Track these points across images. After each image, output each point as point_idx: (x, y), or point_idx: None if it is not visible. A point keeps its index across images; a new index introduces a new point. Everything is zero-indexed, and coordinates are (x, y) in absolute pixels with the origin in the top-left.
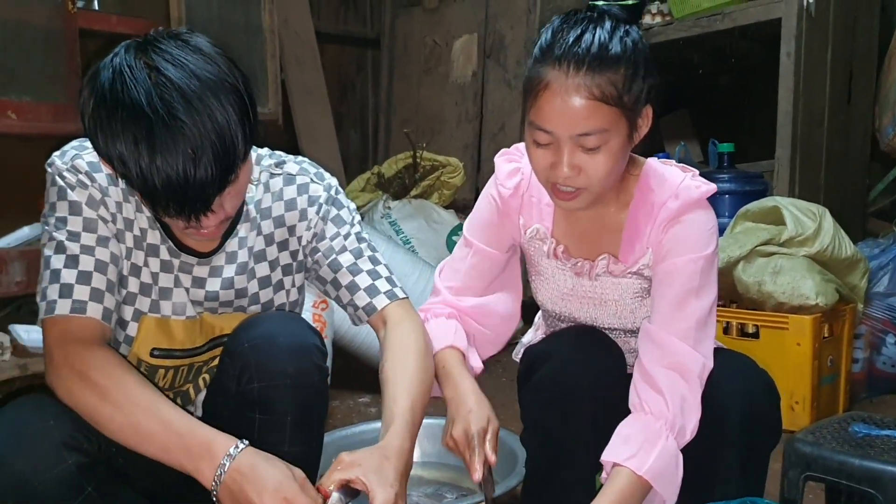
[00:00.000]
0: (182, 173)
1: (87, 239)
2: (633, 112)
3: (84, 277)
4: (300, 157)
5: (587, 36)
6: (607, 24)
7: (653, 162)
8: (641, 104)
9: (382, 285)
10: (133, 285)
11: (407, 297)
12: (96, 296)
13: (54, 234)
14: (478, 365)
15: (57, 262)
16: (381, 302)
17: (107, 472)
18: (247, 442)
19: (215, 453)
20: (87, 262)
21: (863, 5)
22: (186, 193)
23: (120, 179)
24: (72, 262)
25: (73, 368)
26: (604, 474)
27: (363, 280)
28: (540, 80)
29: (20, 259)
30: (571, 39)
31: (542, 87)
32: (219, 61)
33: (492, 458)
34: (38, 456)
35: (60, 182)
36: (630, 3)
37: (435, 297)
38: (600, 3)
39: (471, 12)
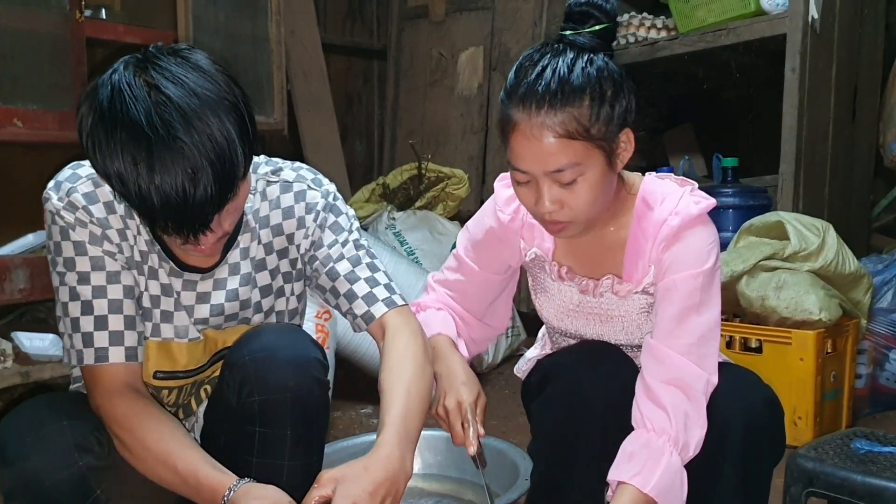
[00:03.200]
0: (181, 193)
1: (97, 278)
2: (606, 141)
3: (101, 323)
4: (297, 163)
5: (547, 73)
6: (569, 56)
7: (649, 179)
8: (614, 131)
9: (381, 293)
10: None
11: (406, 304)
12: (116, 339)
13: (65, 277)
14: (464, 353)
15: (74, 309)
16: (379, 310)
17: (115, 476)
18: (245, 481)
19: (218, 499)
20: (101, 306)
21: (868, 22)
22: (185, 213)
23: (117, 204)
24: (87, 308)
25: (104, 419)
26: (609, 492)
27: (361, 288)
28: (508, 121)
29: (24, 266)
30: (532, 77)
31: (510, 129)
32: (218, 79)
33: (481, 430)
34: (50, 456)
35: (60, 222)
36: (597, 28)
37: (428, 294)
38: (568, 32)
39: (477, 25)
